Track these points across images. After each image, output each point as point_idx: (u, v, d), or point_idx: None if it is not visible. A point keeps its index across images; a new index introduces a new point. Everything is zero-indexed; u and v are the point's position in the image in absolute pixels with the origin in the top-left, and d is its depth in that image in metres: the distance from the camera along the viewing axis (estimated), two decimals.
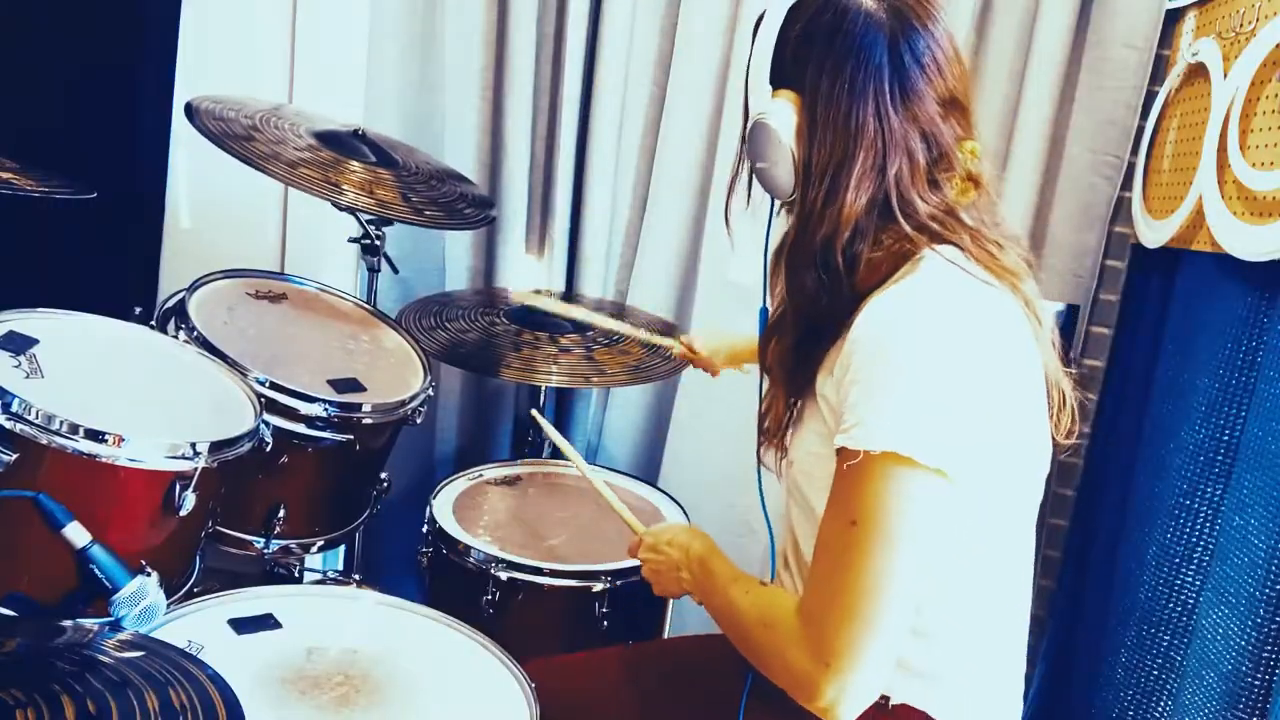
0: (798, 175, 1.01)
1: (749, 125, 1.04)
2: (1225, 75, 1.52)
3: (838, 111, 0.98)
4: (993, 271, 1.00)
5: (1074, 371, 1.07)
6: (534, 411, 1.64)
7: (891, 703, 1.03)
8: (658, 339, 1.82)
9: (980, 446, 0.94)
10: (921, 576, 0.94)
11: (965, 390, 0.92)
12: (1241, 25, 1.51)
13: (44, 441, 1.13)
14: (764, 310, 1.15)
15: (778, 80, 1.02)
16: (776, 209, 1.10)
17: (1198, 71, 1.66)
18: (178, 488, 1.23)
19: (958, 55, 1.03)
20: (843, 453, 0.92)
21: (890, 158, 0.98)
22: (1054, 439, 1.06)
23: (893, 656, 0.96)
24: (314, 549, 1.66)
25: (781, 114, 1.00)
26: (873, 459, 0.90)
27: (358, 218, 1.82)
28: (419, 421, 1.66)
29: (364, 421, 1.56)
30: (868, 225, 1.00)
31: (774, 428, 1.13)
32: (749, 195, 1.13)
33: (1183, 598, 1.47)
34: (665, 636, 1.71)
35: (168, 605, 1.06)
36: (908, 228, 0.99)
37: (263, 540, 1.55)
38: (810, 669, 0.94)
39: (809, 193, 1.00)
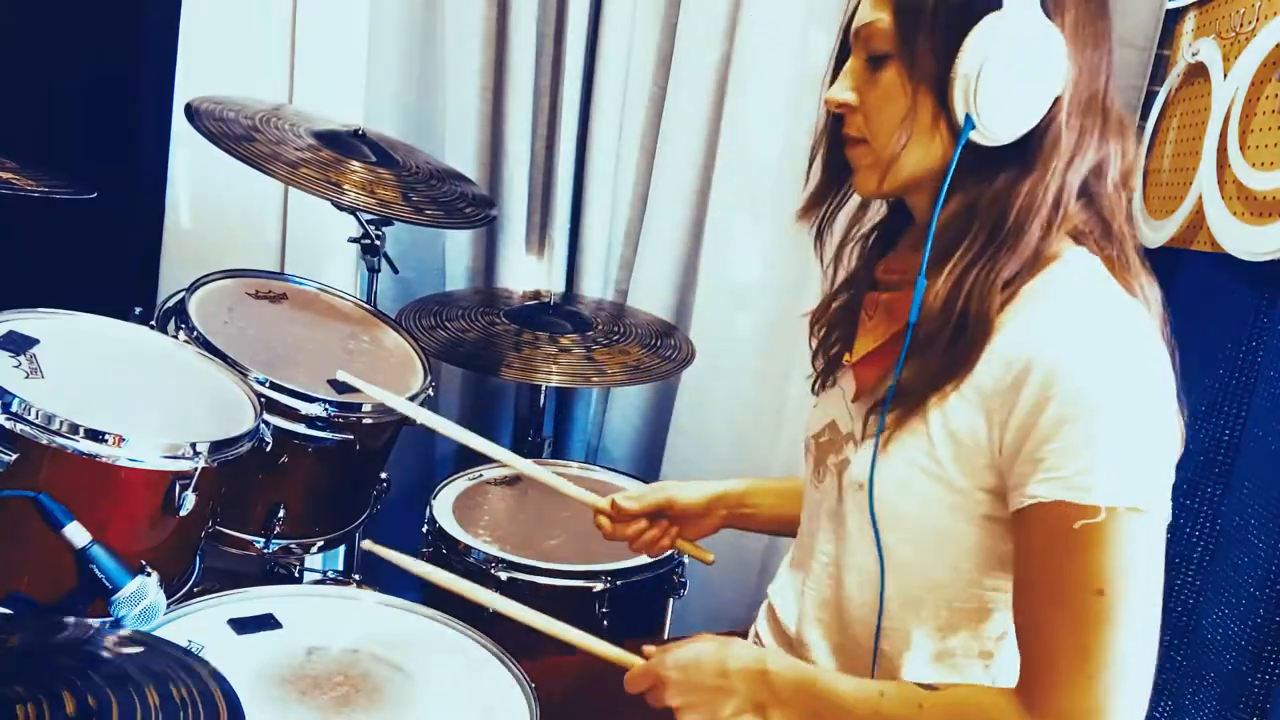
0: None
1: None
2: (1225, 75, 1.52)
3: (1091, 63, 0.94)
4: (1120, 276, 0.95)
5: None
6: (366, 543, 1.17)
7: None
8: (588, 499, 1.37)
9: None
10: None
11: (1170, 431, 0.88)
12: (1241, 25, 1.51)
13: (44, 441, 1.13)
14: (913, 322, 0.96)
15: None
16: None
17: (1198, 71, 1.66)
18: (178, 488, 1.23)
19: None
20: (1064, 507, 0.83)
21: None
22: None
23: None
24: (314, 549, 1.66)
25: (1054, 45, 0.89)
26: (1116, 516, 0.81)
27: (358, 218, 1.82)
28: (419, 421, 1.65)
29: (364, 421, 1.56)
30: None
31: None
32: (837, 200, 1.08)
33: (1183, 598, 1.47)
34: (666, 636, 1.71)
35: (168, 605, 1.06)
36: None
37: (263, 540, 1.55)
38: None
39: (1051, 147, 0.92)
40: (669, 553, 1.63)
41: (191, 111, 1.61)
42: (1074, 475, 0.83)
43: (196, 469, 1.23)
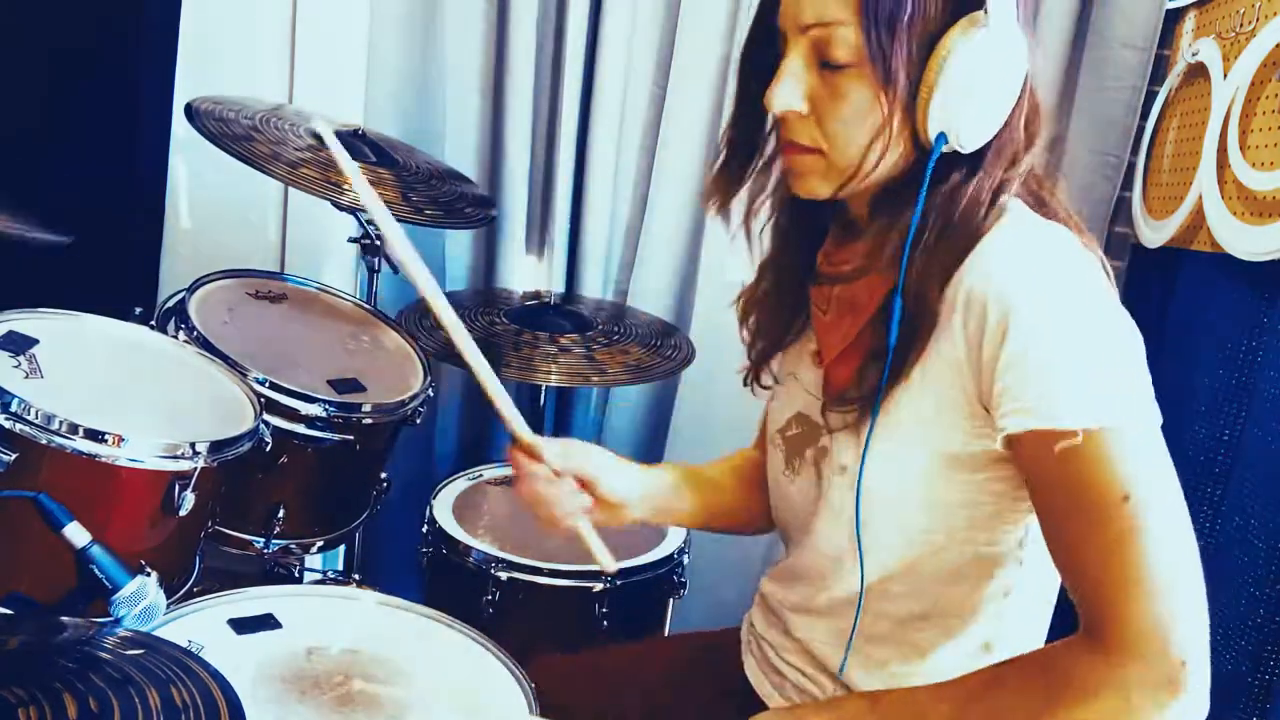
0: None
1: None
2: (1225, 75, 1.52)
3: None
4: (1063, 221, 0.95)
5: None
6: None
7: None
8: None
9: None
10: None
11: (1127, 338, 0.88)
12: (1241, 25, 1.51)
13: (44, 441, 1.13)
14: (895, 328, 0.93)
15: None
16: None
17: (1198, 71, 1.66)
18: (177, 488, 1.23)
19: None
20: (1038, 435, 0.83)
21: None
22: None
23: None
24: (314, 549, 1.66)
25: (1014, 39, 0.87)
26: (1095, 435, 0.81)
27: (358, 218, 1.82)
28: (419, 421, 1.66)
29: (364, 421, 1.56)
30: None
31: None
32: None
33: None
34: (666, 635, 1.71)
35: (168, 605, 1.06)
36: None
37: (263, 540, 1.55)
38: (1164, 691, 0.78)
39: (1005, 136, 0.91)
40: (669, 552, 1.64)
41: (191, 111, 1.61)
42: (1035, 402, 0.83)
43: (196, 469, 1.23)
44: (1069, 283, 0.87)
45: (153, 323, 1.49)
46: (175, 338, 1.48)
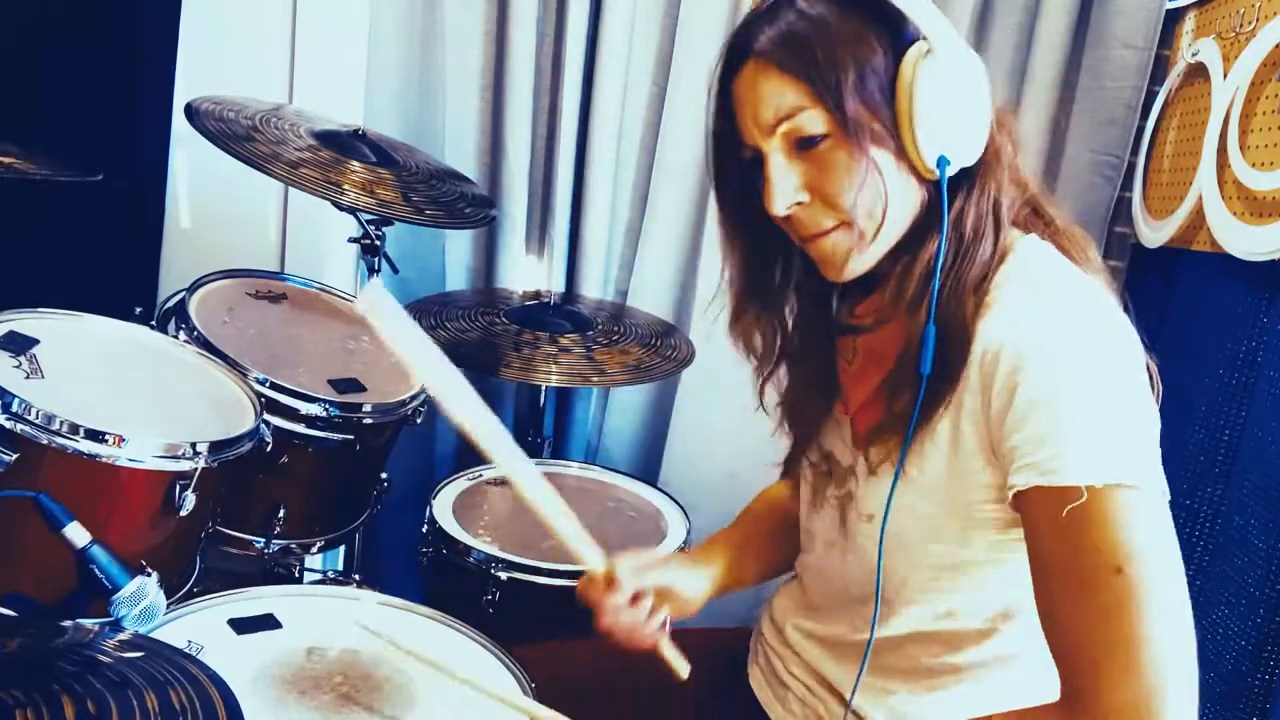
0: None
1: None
2: (1225, 75, 1.52)
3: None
4: (1073, 257, 0.96)
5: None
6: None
7: None
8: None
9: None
10: None
11: (1145, 404, 0.86)
12: (1241, 25, 1.51)
13: (44, 441, 1.13)
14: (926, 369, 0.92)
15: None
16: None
17: (1198, 71, 1.66)
18: (178, 488, 1.23)
19: None
20: (1044, 493, 0.81)
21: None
22: None
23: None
24: (314, 549, 1.66)
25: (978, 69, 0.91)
26: (1101, 495, 0.79)
27: (358, 218, 1.82)
28: (419, 421, 1.66)
29: (364, 421, 1.56)
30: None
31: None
32: None
33: None
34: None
35: (168, 605, 1.06)
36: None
37: (263, 540, 1.55)
38: None
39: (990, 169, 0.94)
40: (670, 552, 1.63)
41: (191, 111, 1.61)
42: (1045, 460, 0.82)
43: (196, 469, 1.23)
44: (1086, 337, 0.86)
45: (153, 323, 1.49)
46: (175, 338, 1.48)
